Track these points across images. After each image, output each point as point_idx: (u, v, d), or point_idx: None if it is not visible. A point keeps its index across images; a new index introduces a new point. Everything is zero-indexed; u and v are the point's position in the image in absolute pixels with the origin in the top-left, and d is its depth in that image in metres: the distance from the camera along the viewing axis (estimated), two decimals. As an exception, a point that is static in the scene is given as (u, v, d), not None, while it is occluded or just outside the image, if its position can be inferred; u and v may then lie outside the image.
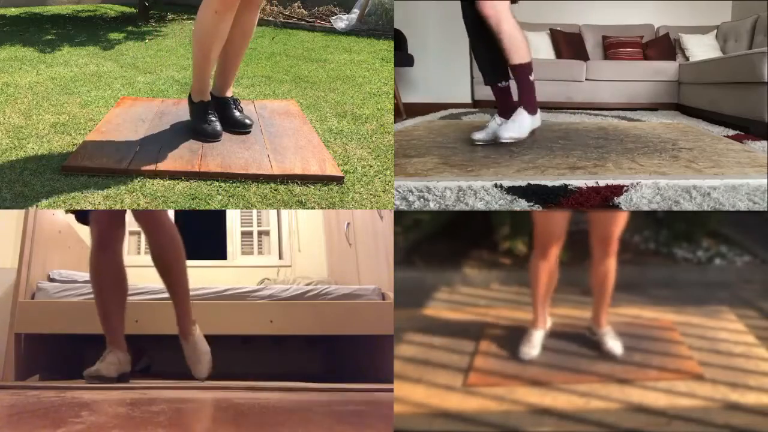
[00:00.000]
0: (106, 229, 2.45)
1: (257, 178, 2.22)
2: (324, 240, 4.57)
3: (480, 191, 2.36)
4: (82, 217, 2.63)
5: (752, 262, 3.82)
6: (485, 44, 2.94)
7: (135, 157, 2.30)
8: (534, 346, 2.47)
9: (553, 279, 2.50)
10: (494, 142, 3.06)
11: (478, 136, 3.07)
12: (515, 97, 3.07)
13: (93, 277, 2.45)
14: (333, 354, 3.68)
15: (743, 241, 4.16)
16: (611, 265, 2.44)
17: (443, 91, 5.54)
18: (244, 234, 4.73)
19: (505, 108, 3.07)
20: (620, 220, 2.37)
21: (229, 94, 2.73)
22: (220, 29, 2.36)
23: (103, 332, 2.46)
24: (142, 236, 3.45)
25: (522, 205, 2.30)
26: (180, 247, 2.53)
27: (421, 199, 2.36)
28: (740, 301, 3.23)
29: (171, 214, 2.73)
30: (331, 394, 2.12)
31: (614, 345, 2.44)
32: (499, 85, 3.00)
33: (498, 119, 3.07)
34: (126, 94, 3.27)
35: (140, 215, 2.48)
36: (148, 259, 2.49)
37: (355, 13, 5.70)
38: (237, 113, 2.69)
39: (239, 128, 2.64)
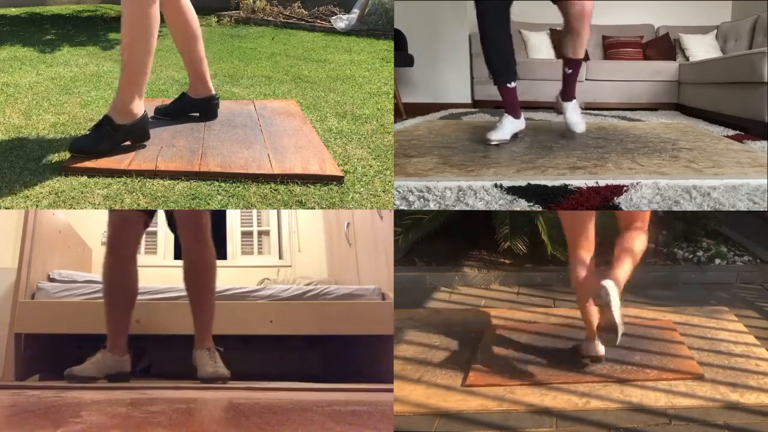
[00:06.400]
0: (121, 231, 2.44)
1: (257, 178, 2.22)
2: (324, 240, 4.57)
3: (480, 191, 2.36)
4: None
5: (752, 262, 3.82)
6: (503, 44, 2.97)
7: (135, 157, 2.29)
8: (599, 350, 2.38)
9: (593, 284, 2.48)
10: (509, 141, 3.09)
11: (495, 136, 3.07)
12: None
13: (103, 276, 2.46)
14: (333, 354, 3.67)
15: (743, 241, 4.16)
16: (640, 236, 2.30)
17: (443, 91, 5.54)
18: (244, 234, 4.72)
19: (513, 108, 3.09)
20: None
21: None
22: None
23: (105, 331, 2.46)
24: (143, 236, 3.43)
25: (522, 205, 2.30)
26: (214, 264, 2.55)
27: (421, 199, 2.36)
28: (740, 301, 3.23)
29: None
30: (331, 394, 2.12)
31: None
32: (508, 85, 3.02)
33: (510, 118, 3.09)
34: (126, 94, 3.26)
35: (184, 226, 2.49)
36: (148, 260, 2.49)
37: (355, 13, 5.69)
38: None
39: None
